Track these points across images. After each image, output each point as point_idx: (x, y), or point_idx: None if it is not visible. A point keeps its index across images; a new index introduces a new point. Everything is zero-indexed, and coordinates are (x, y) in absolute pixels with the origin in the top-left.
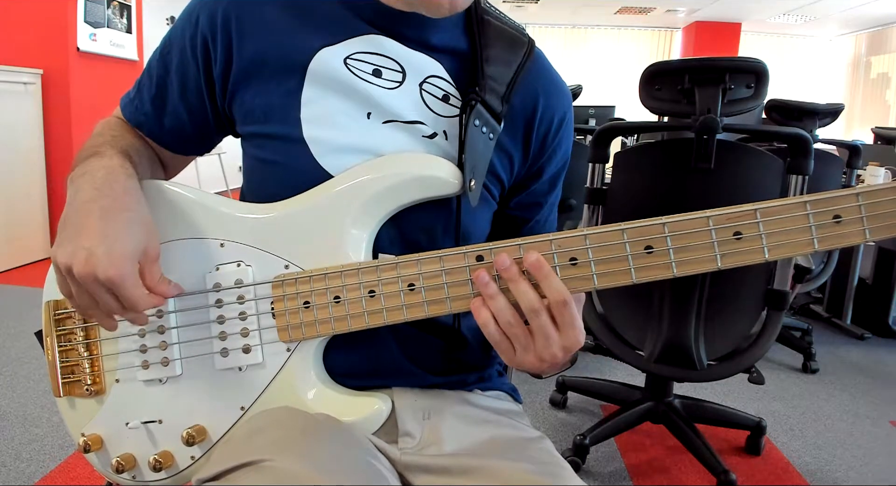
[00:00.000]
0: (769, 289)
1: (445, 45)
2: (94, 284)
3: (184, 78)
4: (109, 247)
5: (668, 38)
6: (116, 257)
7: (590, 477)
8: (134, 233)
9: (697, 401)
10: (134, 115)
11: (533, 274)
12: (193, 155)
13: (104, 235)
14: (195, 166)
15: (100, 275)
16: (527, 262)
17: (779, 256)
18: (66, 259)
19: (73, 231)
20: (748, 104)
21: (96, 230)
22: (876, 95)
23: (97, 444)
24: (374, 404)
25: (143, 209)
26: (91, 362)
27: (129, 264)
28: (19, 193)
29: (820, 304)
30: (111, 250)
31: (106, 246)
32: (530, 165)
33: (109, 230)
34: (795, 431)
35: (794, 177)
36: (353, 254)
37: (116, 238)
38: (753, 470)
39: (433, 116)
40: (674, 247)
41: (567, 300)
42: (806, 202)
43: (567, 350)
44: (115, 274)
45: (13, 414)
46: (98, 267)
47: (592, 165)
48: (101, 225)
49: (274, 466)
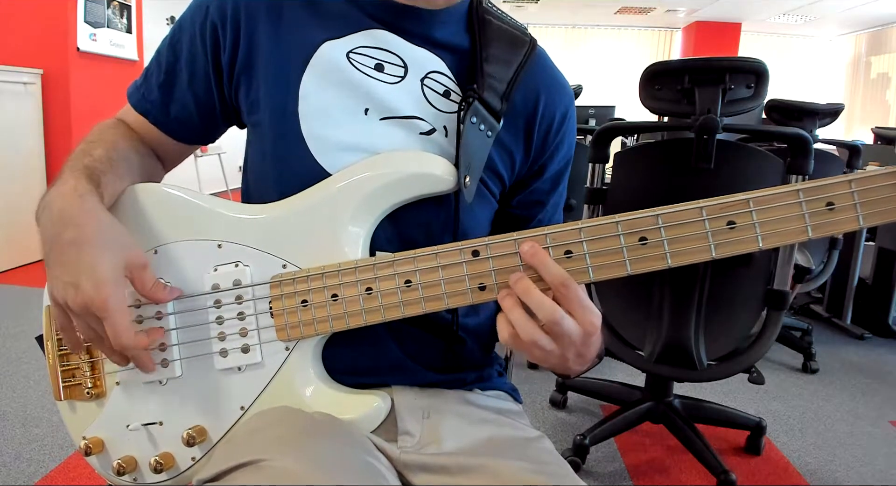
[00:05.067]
0: (769, 289)
1: (448, 42)
2: (91, 316)
3: (193, 65)
4: (90, 276)
5: (668, 38)
6: (99, 284)
7: (590, 477)
8: (106, 254)
9: (697, 401)
10: (140, 102)
11: (529, 263)
12: (196, 144)
13: (80, 267)
14: (195, 166)
15: (90, 305)
16: (521, 252)
17: (773, 244)
18: (61, 296)
19: (56, 269)
20: (748, 104)
21: (72, 264)
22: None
23: (98, 447)
24: (374, 401)
25: (106, 226)
26: (91, 366)
27: (112, 286)
28: (19, 193)
29: (820, 304)
30: (92, 278)
31: (86, 275)
32: (532, 163)
33: (83, 260)
34: (795, 431)
35: (794, 177)
36: (351, 252)
37: (93, 266)
38: (753, 470)
39: (433, 111)
40: (668, 238)
41: (567, 281)
42: (799, 190)
43: (587, 336)
44: (101, 301)
45: (13, 414)
46: (87, 297)
47: (592, 164)
48: (74, 258)
49: (273, 465)
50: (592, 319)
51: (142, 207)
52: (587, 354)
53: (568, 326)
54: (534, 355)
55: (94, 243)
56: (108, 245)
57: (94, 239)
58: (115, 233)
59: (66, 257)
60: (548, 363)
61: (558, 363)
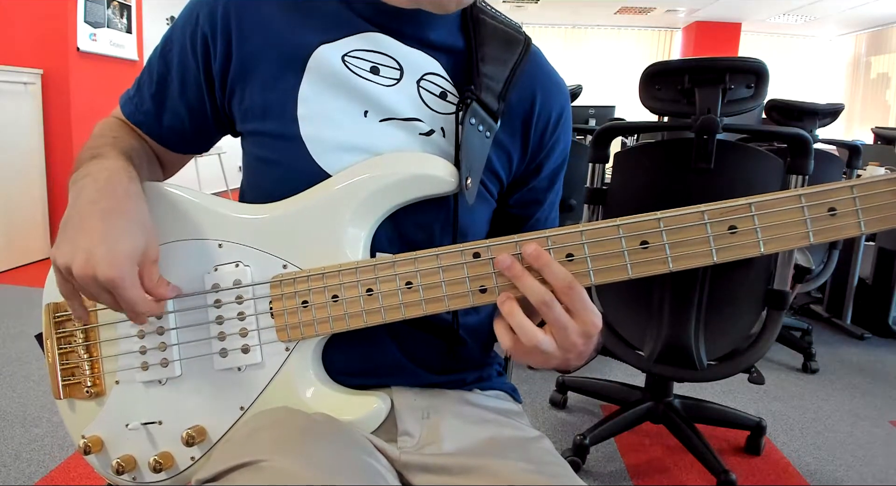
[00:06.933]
0: (769, 289)
1: (443, 43)
2: (94, 284)
3: (184, 75)
4: (109, 248)
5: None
6: (116, 258)
7: (590, 477)
8: (134, 235)
9: (697, 401)
10: (133, 113)
11: (532, 265)
12: (192, 154)
13: (104, 237)
14: (195, 167)
15: (99, 276)
16: (525, 253)
17: (774, 249)
18: (65, 260)
19: (73, 232)
20: (748, 104)
21: (96, 232)
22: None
23: (97, 446)
24: (374, 402)
25: (143, 212)
26: (91, 365)
27: (128, 265)
28: (19, 193)
29: (820, 304)
30: (110, 251)
31: (106, 247)
32: (529, 162)
33: (109, 232)
34: (795, 431)
35: (794, 177)
36: (351, 253)
37: (116, 240)
38: (753, 470)
39: (430, 113)
40: (669, 242)
41: (572, 284)
42: (801, 195)
43: (587, 336)
44: (114, 275)
45: (13, 414)
46: (98, 268)
47: (592, 165)
48: (101, 226)
49: (271, 466)
50: (594, 320)
51: None
52: (587, 352)
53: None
54: (535, 360)
55: (128, 219)
56: (139, 229)
57: (130, 216)
58: (148, 222)
59: (91, 223)
60: (548, 365)
61: (559, 363)
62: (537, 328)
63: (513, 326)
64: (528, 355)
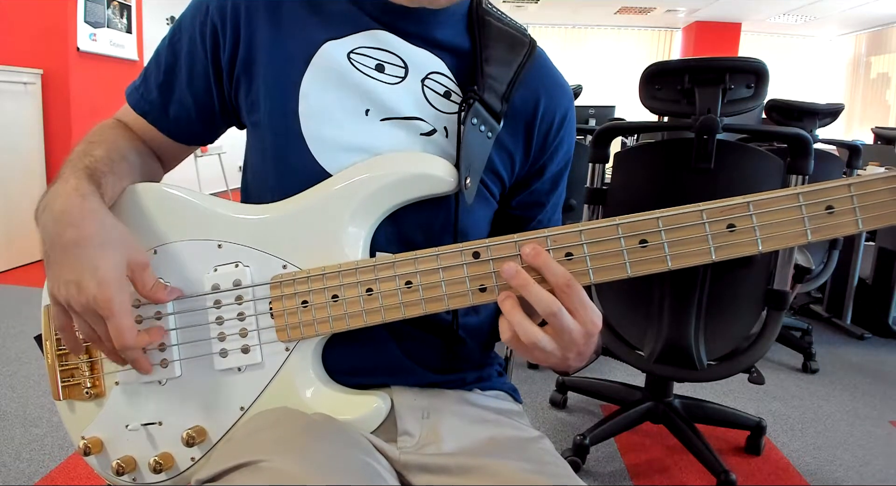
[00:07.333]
0: (769, 289)
1: (448, 43)
2: (93, 315)
3: (192, 65)
4: (93, 275)
5: (668, 38)
6: (102, 283)
7: (590, 477)
8: (109, 254)
9: (697, 401)
10: (139, 103)
11: (531, 264)
12: (195, 145)
13: (83, 266)
14: (195, 167)
15: (93, 304)
16: (523, 254)
17: (773, 247)
18: (62, 295)
19: (55, 269)
20: (748, 104)
21: (74, 264)
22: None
23: (97, 447)
24: (374, 402)
25: (107, 227)
26: (90, 366)
27: (115, 286)
28: (19, 193)
29: (820, 304)
30: (95, 278)
31: (89, 275)
32: (532, 164)
33: (86, 260)
34: (795, 431)
35: (794, 177)
36: (351, 253)
37: (96, 265)
38: (753, 470)
39: (434, 112)
40: (668, 240)
41: (570, 282)
42: (798, 194)
43: (588, 336)
44: (104, 300)
45: (13, 414)
46: (89, 296)
47: (592, 165)
48: (76, 258)
49: (271, 466)
50: (594, 318)
51: (142, 206)
52: (587, 352)
53: (567, 321)
54: (535, 356)
55: (97, 242)
56: (111, 245)
57: (97, 239)
58: (118, 233)
59: (68, 256)
60: (548, 363)
61: (559, 362)
62: (537, 328)
63: (512, 324)
64: (527, 352)
